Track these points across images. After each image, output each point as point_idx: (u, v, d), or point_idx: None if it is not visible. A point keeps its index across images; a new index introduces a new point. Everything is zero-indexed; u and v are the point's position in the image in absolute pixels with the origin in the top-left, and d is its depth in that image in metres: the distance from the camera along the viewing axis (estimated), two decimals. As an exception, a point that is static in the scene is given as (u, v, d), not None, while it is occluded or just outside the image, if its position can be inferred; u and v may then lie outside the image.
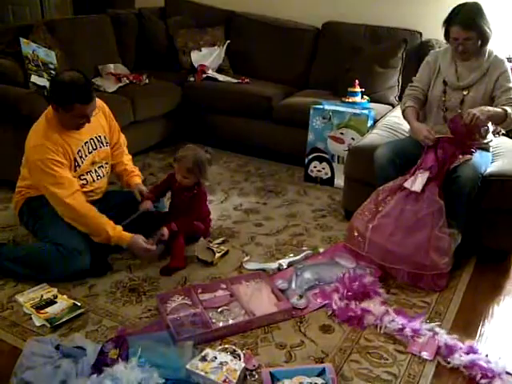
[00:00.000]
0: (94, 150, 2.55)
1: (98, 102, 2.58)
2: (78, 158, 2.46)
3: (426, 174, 2.45)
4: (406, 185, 2.47)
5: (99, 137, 2.58)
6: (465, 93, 2.60)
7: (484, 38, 2.51)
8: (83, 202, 2.40)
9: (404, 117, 2.77)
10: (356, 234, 2.54)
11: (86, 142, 2.50)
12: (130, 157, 2.87)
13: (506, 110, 2.46)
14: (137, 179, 2.77)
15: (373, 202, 2.56)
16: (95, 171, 2.57)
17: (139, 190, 2.69)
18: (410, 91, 2.78)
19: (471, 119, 2.37)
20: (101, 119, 2.62)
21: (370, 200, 2.57)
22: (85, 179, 2.52)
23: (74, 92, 2.29)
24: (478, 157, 2.56)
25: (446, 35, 2.60)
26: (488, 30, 2.49)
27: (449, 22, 2.55)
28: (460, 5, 2.55)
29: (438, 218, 2.41)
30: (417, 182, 2.44)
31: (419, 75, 2.78)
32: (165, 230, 2.53)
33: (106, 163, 2.66)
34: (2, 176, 3.20)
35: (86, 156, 2.49)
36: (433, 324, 2.15)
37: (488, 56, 2.57)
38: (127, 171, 2.78)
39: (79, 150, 2.46)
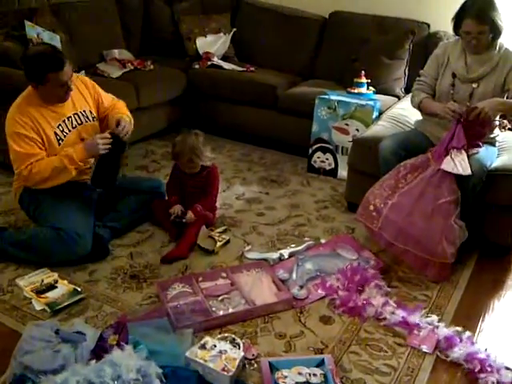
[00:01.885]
0: (79, 124, 2.52)
1: (79, 77, 2.56)
2: (59, 132, 2.44)
3: (465, 154, 2.41)
4: (448, 168, 2.39)
5: (84, 112, 2.55)
6: (474, 86, 2.56)
7: (497, 32, 2.47)
8: (38, 169, 2.34)
9: (422, 108, 2.70)
10: (372, 208, 2.49)
11: (69, 117, 2.48)
12: (128, 114, 2.69)
13: None
14: (120, 115, 2.58)
15: (393, 178, 2.51)
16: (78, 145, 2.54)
17: (117, 119, 2.51)
18: (418, 86, 2.74)
19: (478, 114, 2.35)
20: (84, 93, 2.58)
21: (390, 176, 2.53)
22: None
23: (43, 62, 2.28)
24: (484, 151, 2.54)
25: (456, 29, 2.56)
26: (501, 23, 2.46)
27: (461, 16, 2.50)
28: (469, 1, 2.49)
29: (454, 208, 2.40)
30: (461, 164, 2.37)
31: (427, 68, 2.75)
32: (190, 214, 2.62)
33: None
34: (3, 159, 3.19)
35: (69, 131, 2.47)
36: (433, 317, 2.15)
37: (499, 49, 2.54)
38: (118, 112, 2.62)
39: (59, 125, 2.44)
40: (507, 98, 2.55)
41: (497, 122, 2.69)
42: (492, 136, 2.67)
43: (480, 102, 2.43)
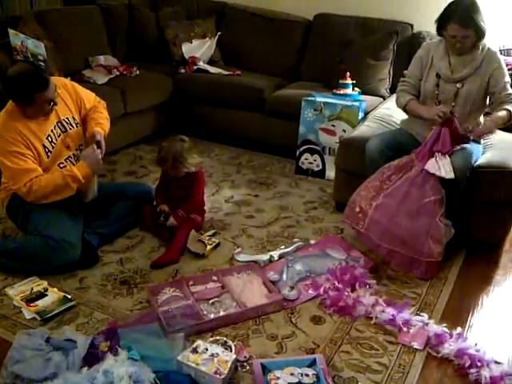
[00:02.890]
0: (63, 132, 2.50)
1: (60, 80, 2.53)
2: (48, 144, 2.41)
3: (449, 159, 2.44)
4: (432, 170, 2.41)
5: (67, 119, 2.52)
6: (458, 86, 2.59)
7: (480, 34, 2.49)
8: (39, 185, 2.32)
9: (408, 110, 2.74)
10: (358, 210, 2.51)
11: (55, 126, 2.46)
12: (106, 116, 2.70)
13: (509, 111, 2.49)
14: (96, 127, 2.56)
15: (378, 179, 2.53)
16: (74, 155, 2.54)
17: (93, 134, 2.51)
18: (403, 87, 2.76)
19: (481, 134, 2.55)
20: (66, 100, 2.54)
21: (375, 177, 2.55)
22: (65, 166, 2.47)
23: (29, 84, 2.25)
24: (469, 148, 2.56)
25: (440, 30, 2.58)
26: (484, 26, 2.48)
27: (445, 19, 2.51)
28: (454, 2, 2.50)
29: (439, 207, 2.42)
30: (445, 167, 2.40)
31: (411, 69, 2.76)
32: (171, 219, 2.65)
33: (81, 145, 2.61)
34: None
35: (56, 140, 2.45)
36: (423, 314, 2.17)
37: (482, 49, 2.57)
38: (94, 120, 2.60)
39: (48, 135, 2.42)
40: (490, 100, 2.61)
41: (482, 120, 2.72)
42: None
43: (485, 125, 2.52)
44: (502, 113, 2.52)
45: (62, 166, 2.48)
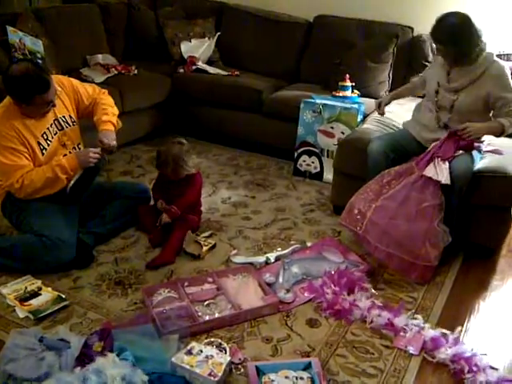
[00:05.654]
0: (60, 130, 2.48)
1: (56, 78, 2.50)
2: (43, 141, 2.40)
3: (447, 165, 2.45)
4: (429, 174, 2.43)
5: (63, 117, 2.51)
6: (454, 97, 2.58)
7: (461, 53, 2.47)
8: (30, 179, 2.32)
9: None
10: (356, 211, 2.51)
11: (52, 124, 2.45)
12: (110, 103, 2.71)
13: (502, 125, 2.49)
14: (106, 126, 2.58)
15: (377, 183, 2.54)
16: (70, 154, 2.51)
17: (101, 138, 2.50)
18: (414, 78, 2.96)
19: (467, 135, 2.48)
20: (63, 99, 2.53)
21: (375, 181, 2.55)
22: None
23: (30, 85, 2.24)
24: (471, 154, 2.55)
25: None
26: (466, 45, 2.44)
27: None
28: (442, 16, 2.47)
29: (438, 212, 2.42)
30: (442, 172, 2.42)
31: (427, 69, 2.92)
32: (164, 216, 2.62)
33: (79, 144, 2.60)
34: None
35: (52, 138, 2.44)
36: (419, 319, 2.15)
37: (482, 62, 2.51)
38: (100, 120, 2.60)
39: (44, 133, 2.41)
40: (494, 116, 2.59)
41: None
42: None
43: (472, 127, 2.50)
44: (493, 123, 2.54)
45: None
